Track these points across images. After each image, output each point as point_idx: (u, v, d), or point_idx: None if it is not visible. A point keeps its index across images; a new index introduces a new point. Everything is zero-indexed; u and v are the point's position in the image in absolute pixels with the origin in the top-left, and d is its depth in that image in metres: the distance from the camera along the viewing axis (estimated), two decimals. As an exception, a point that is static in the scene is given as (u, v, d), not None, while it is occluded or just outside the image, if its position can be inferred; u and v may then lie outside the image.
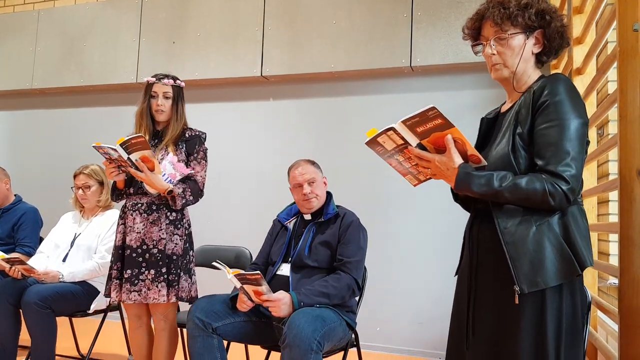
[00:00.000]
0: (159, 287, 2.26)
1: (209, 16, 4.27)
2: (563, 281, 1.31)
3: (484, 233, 1.46)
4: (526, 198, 1.32)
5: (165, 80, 2.41)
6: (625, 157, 1.52)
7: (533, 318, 1.32)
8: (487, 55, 1.47)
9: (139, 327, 2.45)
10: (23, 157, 4.95)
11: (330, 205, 2.40)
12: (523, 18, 1.41)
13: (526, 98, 1.41)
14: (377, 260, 3.58)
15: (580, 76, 2.40)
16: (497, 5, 1.44)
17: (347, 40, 3.85)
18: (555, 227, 1.33)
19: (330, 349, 2.13)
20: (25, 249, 3.15)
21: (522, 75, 1.47)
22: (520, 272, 1.31)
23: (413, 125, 1.37)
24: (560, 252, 1.31)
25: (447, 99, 3.69)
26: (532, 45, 1.44)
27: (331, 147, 3.91)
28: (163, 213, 2.33)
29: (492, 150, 1.45)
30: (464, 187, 1.38)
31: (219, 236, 3.65)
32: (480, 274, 1.47)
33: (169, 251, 2.30)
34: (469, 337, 1.46)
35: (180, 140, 2.39)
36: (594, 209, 2.34)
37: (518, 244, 1.33)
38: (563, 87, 1.35)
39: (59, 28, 4.78)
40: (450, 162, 1.38)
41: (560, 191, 1.29)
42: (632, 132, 1.51)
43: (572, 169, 1.30)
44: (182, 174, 2.32)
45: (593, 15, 2.19)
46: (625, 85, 1.52)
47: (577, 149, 1.31)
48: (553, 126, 1.32)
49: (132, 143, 2.12)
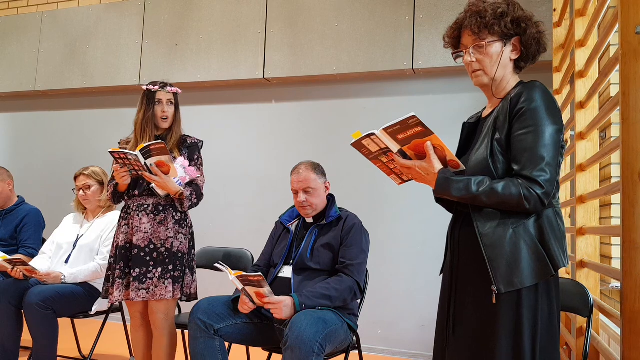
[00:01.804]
0: (166, 284, 2.32)
1: (211, 19, 4.28)
2: (538, 281, 1.37)
3: (464, 235, 1.52)
4: (503, 202, 1.38)
5: (168, 88, 2.49)
6: (627, 160, 1.52)
7: (510, 317, 1.38)
8: (466, 62, 1.53)
9: (141, 325, 2.48)
10: (26, 158, 4.96)
11: (332, 208, 2.40)
12: (499, 26, 1.46)
13: (504, 105, 1.46)
14: (379, 263, 3.59)
15: (582, 79, 2.40)
16: (474, 15, 1.49)
17: (349, 42, 3.86)
18: (530, 229, 1.39)
19: (332, 351, 2.13)
20: (28, 250, 3.16)
21: (501, 81, 1.52)
22: (498, 273, 1.37)
23: (394, 132, 1.44)
24: (536, 253, 1.37)
25: (449, 101, 3.69)
26: (510, 52, 1.50)
27: (333, 150, 3.91)
28: (169, 213, 2.42)
29: (472, 155, 1.50)
30: (443, 192, 1.45)
31: (221, 238, 3.66)
32: (460, 274, 1.53)
33: (175, 249, 2.38)
34: (449, 334, 1.52)
35: (183, 147, 2.50)
36: (597, 212, 2.33)
37: (496, 245, 1.38)
38: (539, 94, 1.41)
39: (62, 30, 4.80)
40: (430, 167, 1.45)
41: (535, 195, 1.35)
42: (634, 135, 1.51)
43: (546, 174, 1.36)
44: (191, 178, 2.43)
45: (595, 18, 2.19)
46: (627, 88, 1.52)
47: (551, 154, 1.37)
48: (529, 132, 1.38)
49: (152, 149, 2.22)
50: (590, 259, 2.27)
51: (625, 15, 1.53)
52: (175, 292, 2.34)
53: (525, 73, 1.67)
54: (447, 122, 3.64)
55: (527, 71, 1.67)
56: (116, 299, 2.33)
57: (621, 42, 1.52)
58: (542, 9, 3.39)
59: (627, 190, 1.52)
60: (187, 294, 2.42)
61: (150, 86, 2.47)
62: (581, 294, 1.89)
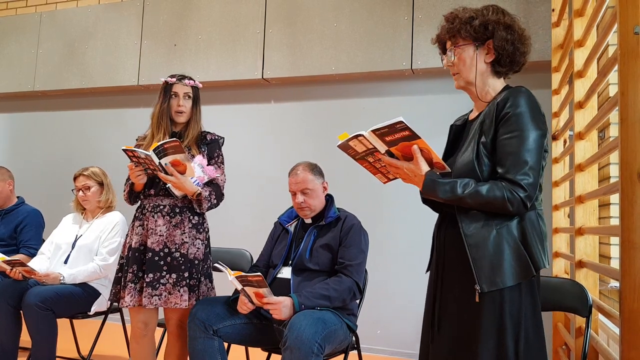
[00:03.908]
0: (181, 292, 2.20)
1: (210, 19, 4.28)
2: (520, 281, 1.41)
3: (450, 235, 1.56)
4: (487, 204, 1.42)
5: (185, 80, 2.36)
6: (626, 160, 1.52)
7: (493, 315, 1.41)
8: (445, 65, 1.61)
9: (144, 335, 2.31)
10: (24, 159, 4.95)
11: (331, 209, 2.40)
12: (466, 31, 1.53)
13: (490, 109, 1.50)
14: (378, 263, 3.58)
15: (581, 79, 2.40)
16: (446, 23, 1.59)
17: (348, 42, 3.86)
18: (513, 230, 1.44)
19: (331, 351, 2.13)
20: (30, 250, 3.16)
21: (483, 85, 1.58)
22: (481, 272, 1.41)
23: (382, 134, 1.48)
24: (517, 254, 1.42)
25: (448, 101, 3.69)
26: (485, 55, 1.55)
27: (332, 150, 3.89)
28: (186, 216, 2.29)
29: (459, 157, 1.55)
30: (430, 193, 1.49)
31: (220, 238, 3.65)
32: (445, 273, 1.57)
33: (191, 255, 2.26)
34: (433, 331, 1.57)
35: (202, 143, 2.37)
36: (595, 212, 2.33)
37: (480, 246, 1.42)
38: (524, 100, 1.45)
39: (60, 31, 4.80)
40: (417, 169, 1.49)
41: (518, 198, 1.39)
42: (633, 135, 1.51)
43: (529, 177, 1.40)
44: (210, 177, 2.30)
45: (594, 18, 2.19)
46: (626, 88, 1.52)
47: (534, 158, 1.42)
48: (513, 137, 1.43)
49: (166, 147, 2.09)
50: (589, 258, 2.27)
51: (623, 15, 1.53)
52: (191, 301, 2.22)
53: (524, 73, 1.67)
54: (446, 121, 3.64)
55: (526, 71, 1.67)
56: (127, 304, 2.20)
57: (620, 42, 1.52)
58: (540, 9, 3.40)
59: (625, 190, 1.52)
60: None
61: (169, 78, 2.37)
62: (580, 294, 1.89)
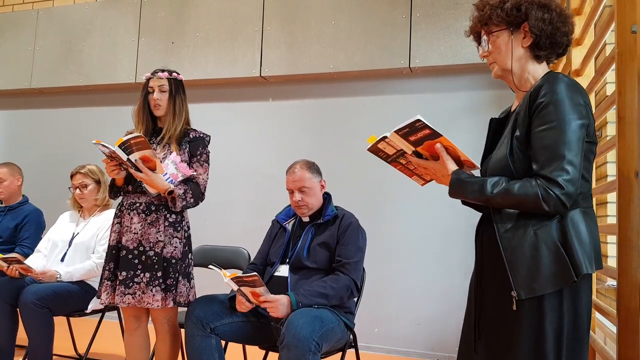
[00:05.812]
0: (154, 292, 2.17)
1: (208, 16, 4.27)
2: (559, 287, 1.28)
3: (488, 236, 1.45)
4: (519, 203, 1.31)
5: (160, 73, 2.34)
6: (623, 159, 1.52)
7: (532, 324, 1.30)
8: (481, 56, 1.50)
9: (136, 328, 2.35)
10: (21, 156, 4.92)
11: (329, 207, 2.39)
12: (498, 16, 1.41)
13: (525, 99, 1.37)
14: (376, 261, 3.58)
15: (578, 78, 2.40)
16: (477, 11, 1.48)
17: (346, 41, 3.85)
18: (553, 231, 1.30)
19: (329, 349, 2.13)
20: (24, 249, 3.15)
21: (522, 72, 1.44)
22: (518, 278, 1.29)
23: (405, 134, 1.42)
24: (557, 257, 1.28)
25: (446, 100, 3.69)
26: (522, 40, 1.42)
27: (330, 148, 3.91)
28: (162, 214, 2.25)
29: (494, 154, 1.44)
30: (458, 194, 1.40)
31: (218, 236, 3.65)
32: (485, 278, 1.47)
33: (167, 254, 2.23)
34: (476, 340, 1.47)
35: (184, 141, 2.32)
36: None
37: (516, 249, 1.31)
38: (560, 86, 1.30)
39: (58, 27, 4.78)
40: (444, 169, 1.42)
41: (554, 196, 1.26)
42: (630, 134, 1.51)
43: (567, 173, 1.26)
44: (184, 175, 2.25)
45: (592, 16, 2.19)
46: (623, 87, 1.52)
47: (574, 151, 1.27)
48: (549, 129, 1.29)
49: (132, 143, 2.05)
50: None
51: (621, 14, 1.53)
52: (166, 301, 2.19)
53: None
54: (444, 120, 3.65)
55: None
56: (103, 302, 2.23)
57: (617, 41, 1.52)
58: (538, 8, 3.39)
59: (622, 189, 1.52)
60: (184, 303, 2.26)
61: (147, 74, 2.37)
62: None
